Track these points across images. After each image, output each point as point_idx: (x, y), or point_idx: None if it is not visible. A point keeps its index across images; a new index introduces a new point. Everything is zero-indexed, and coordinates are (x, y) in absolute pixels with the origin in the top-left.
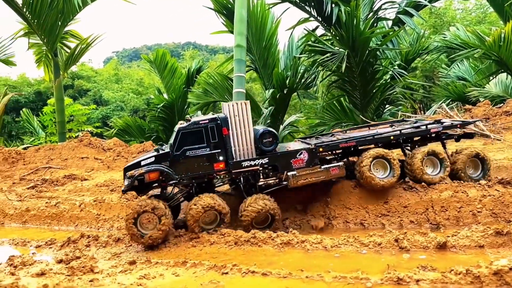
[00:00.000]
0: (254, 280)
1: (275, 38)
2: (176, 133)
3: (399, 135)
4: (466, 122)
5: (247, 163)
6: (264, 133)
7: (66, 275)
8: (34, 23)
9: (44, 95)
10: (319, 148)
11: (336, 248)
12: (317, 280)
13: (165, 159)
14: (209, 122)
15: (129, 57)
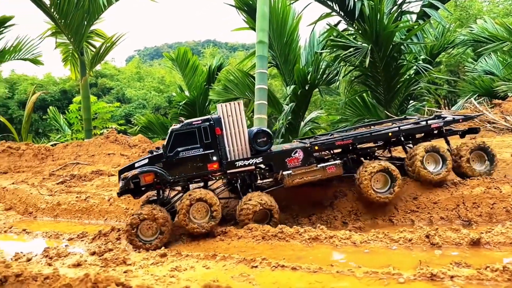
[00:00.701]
0: (284, 274)
1: (296, 34)
2: (169, 134)
3: (398, 132)
4: (469, 117)
5: (241, 162)
6: (258, 132)
7: (101, 267)
8: (61, 22)
9: (69, 93)
10: (315, 146)
11: (365, 244)
12: (348, 275)
13: (159, 161)
14: (202, 122)
15: (150, 55)
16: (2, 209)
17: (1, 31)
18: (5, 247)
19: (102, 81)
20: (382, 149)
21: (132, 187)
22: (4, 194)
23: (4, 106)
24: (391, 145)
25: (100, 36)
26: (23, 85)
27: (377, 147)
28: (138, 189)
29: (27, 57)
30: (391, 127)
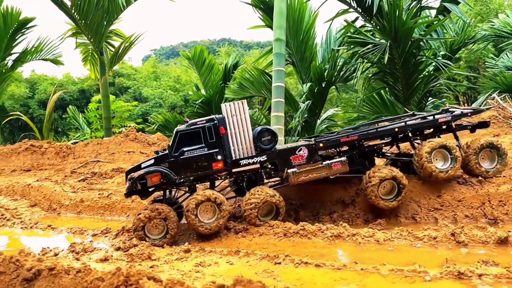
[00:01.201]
0: (308, 271)
1: (312, 31)
2: (174, 135)
3: (405, 127)
4: (477, 110)
5: (245, 161)
6: (262, 131)
7: (127, 261)
8: (82, 23)
9: (87, 92)
10: (319, 143)
11: (389, 241)
12: (372, 273)
13: (164, 161)
14: (206, 122)
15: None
16: (27, 205)
17: (23, 32)
18: (32, 242)
19: (119, 80)
20: (390, 146)
21: (139, 188)
22: (29, 191)
23: (25, 106)
24: (399, 141)
25: (118, 36)
26: (43, 85)
27: (385, 144)
28: (146, 190)
29: (48, 58)
30: (397, 123)
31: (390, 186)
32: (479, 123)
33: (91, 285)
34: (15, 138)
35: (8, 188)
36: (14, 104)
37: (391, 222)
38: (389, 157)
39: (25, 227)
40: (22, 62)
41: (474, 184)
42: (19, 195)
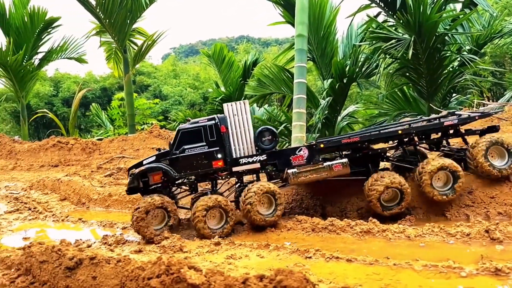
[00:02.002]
0: (339, 266)
1: (333, 27)
2: (176, 133)
3: (408, 130)
4: (486, 114)
5: (244, 160)
6: (262, 131)
7: (160, 253)
8: (106, 22)
9: (109, 90)
10: (320, 144)
11: (420, 237)
12: (406, 268)
13: (165, 158)
14: (207, 121)
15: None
16: (57, 199)
17: (49, 31)
18: (64, 235)
19: (140, 78)
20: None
21: (141, 185)
22: (59, 185)
23: (49, 104)
24: (404, 144)
25: (141, 34)
26: (66, 83)
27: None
28: (148, 188)
29: (72, 56)
30: (400, 124)
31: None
32: (488, 128)
33: (132, 274)
34: (40, 135)
35: (39, 182)
36: (39, 102)
37: (420, 219)
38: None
39: (57, 220)
40: (48, 61)
41: (508, 181)
42: (50, 189)
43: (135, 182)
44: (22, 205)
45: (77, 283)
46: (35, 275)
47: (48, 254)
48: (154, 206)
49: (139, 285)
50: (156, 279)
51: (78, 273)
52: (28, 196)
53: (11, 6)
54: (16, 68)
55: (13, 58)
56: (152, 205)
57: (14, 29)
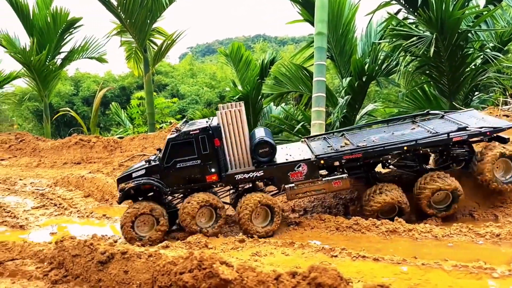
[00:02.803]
0: (366, 265)
1: (352, 25)
2: (166, 144)
3: (414, 145)
4: (499, 129)
5: (240, 176)
6: (259, 143)
7: (186, 249)
8: (127, 22)
9: (128, 90)
10: (320, 160)
11: (447, 237)
12: (435, 268)
13: (156, 172)
14: (200, 132)
15: (202, 52)
16: (81, 196)
17: (71, 31)
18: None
19: (158, 78)
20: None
21: (132, 193)
22: (82, 182)
23: (70, 103)
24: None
25: (160, 33)
26: (86, 83)
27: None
28: (139, 195)
29: (93, 56)
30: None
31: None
32: (498, 137)
33: (164, 269)
34: (61, 133)
35: (63, 179)
36: (60, 101)
37: (446, 219)
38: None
39: (81, 216)
40: (70, 61)
41: None
42: (74, 186)
43: (125, 197)
44: (48, 201)
45: (109, 276)
46: (67, 268)
47: (81, 248)
48: (140, 214)
49: (171, 279)
50: (189, 274)
51: (110, 267)
52: (54, 193)
53: (35, 7)
54: (39, 68)
55: (37, 58)
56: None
57: (37, 30)
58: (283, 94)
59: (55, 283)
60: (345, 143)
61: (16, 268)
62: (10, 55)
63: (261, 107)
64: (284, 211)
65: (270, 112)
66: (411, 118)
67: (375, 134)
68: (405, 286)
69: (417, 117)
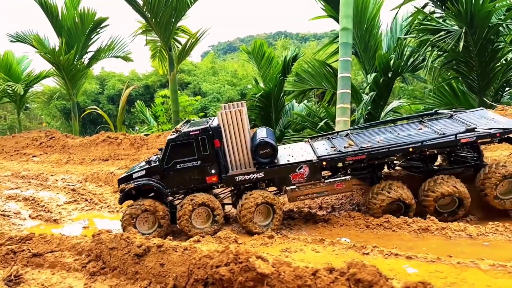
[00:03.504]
0: (399, 263)
1: (377, 20)
2: (166, 145)
3: (420, 147)
4: (509, 130)
5: (241, 177)
6: (260, 144)
7: (216, 244)
8: (152, 21)
9: (151, 88)
10: (322, 162)
11: (483, 236)
12: (471, 267)
13: (156, 173)
14: (200, 133)
15: (223, 50)
16: (111, 191)
17: (98, 31)
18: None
19: (180, 76)
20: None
21: (133, 193)
22: (112, 178)
23: (96, 101)
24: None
25: (185, 32)
26: (111, 81)
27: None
28: (140, 194)
29: (119, 55)
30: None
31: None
32: (507, 138)
33: (200, 262)
34: (87, 131)
35: (93, 175)
36: (86, 100)
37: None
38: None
39: (111, 211)
40: (97, 60)
41: None
42: (103, 182)
43: (125, 197)
44: (79, 196)
45: (146, 269)
46: (105, 261)
47: (117, 242)
48: (141, 212)
49: (207, 272)
50: (225, 267)
51: (146, 260)
52: (84, 188)
53: (63, 8)
54: (67, 67)
55: (65, 57)
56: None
57: (66, 30)
58: (306, 91)
59: (93, 274)
60: (349, 144)
61: (55, 260)
62: (40, 55)
63: (283, 105)
64: (311, 208)
65: (292, 109)
66: (419, 118)
67: (381, 134)
68: (440, 284)
69: (424, 117)
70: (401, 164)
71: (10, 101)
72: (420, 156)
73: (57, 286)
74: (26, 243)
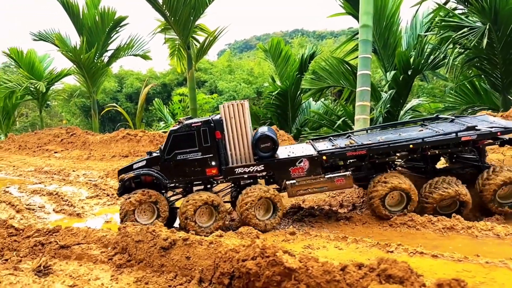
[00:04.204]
0: (424, 261)
1: (397, 17)
2: (168, 136)
3: (421, 144)
4: (509, 130)
5: (240, 169)
6: (261, 137)
7: (239, 239)
8: (171, 19)
9: (169, 86)
10: (322, 156)
11: (511, 236)
12: (500, 267)
13: (156, 163)
14: (201, 124)
15: (240, 48)
16: None
17: (117, 30)
18: None
19: (197, 74)
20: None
21: (133, 186)
22: None
23: (114, 99)
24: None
25: (203, 30)
26: (129, 80)
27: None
28: (140, 187)
29: (138, 53)
30: (412, 136)
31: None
32: (510, 140)
33: (226, 256)
34: (105, 128)
35: (114, 171)
36: (105, 97)
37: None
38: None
39: None
40: (116, 58)
41: None
42: None
43: (126, 186)
44: (101, 191)
45: (172, 262)
46: (131, 253)
47: (143, 235)
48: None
49: (233, 266)
50: (252, 261)
51: (172, 253)
52: (106, 183)
53: (84, 7)
54: (88, 65)
55: (86, 56)
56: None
57: (86, 29)
58: (323, 89)
59: (120, 266)
60: (350, 143)
61: (82, 252)
62: (62, 53)
63: (299, 103)
64: (331, 206)
65: (308, 107)
66: (421, 122)
67: (382, 135)
68: (469, 284)
69: (426, 121)
70: (403, 165)
71: (32, 98)
72: (421, 156)
73: (84, 277)
74: (53, 235)
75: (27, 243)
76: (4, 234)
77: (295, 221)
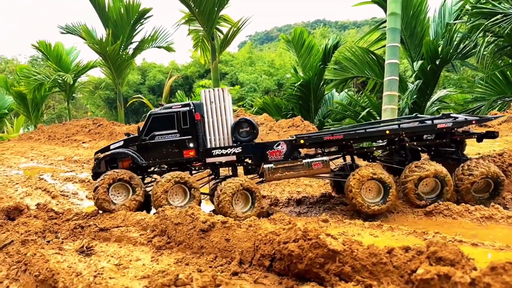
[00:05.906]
0: (464, 249)
1: (424, 5)
2: (147, 117)
3: (397, 130)
4: (484, 119)
5: (218, 151)
6: (240, 122)
7: (271, 225)
8: (196, 10)
9: (190, 78)
10: (300, 140)
11: None
12: None
13: (133, 143)
14: (181, 107)
15: (260, 40)
16: None
17: (142, 22)
18: None
19: (218, 66)
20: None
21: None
22: None
23: (138, 91)
24: (394, 144)
25: (226, 21)
26: (152, 72)
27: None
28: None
29: (161, 45)
30: (389, 124)
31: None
32: (487, 132)
33: (266, 238)
34: (129, 120)
35: None
36: (129, 90)
37: None
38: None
39: None
40: (141, 50)
41: None
42: None
43: (100, 167)
44: None
45: (211, 244)
46: (170, 235)
47: (182, 217)
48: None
49: (274, 248)
50: (294, 243)
51: (211, 235)
52: None
53: (110, 0)
54: (114, 57)
55: (112, 48)
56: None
57: (112, 21)
58: (347, 80)
59: (159, 248)
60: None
61: (122, 234)
62: (88, 45)
63: (322, 94)
64: None
65: (332, 98)
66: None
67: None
68: None
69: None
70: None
71: (60, 90)
72: (399, 147)
73: (125, 258)
74: (91, 218)
75: (67, 226)
76: (45, 217)
77: (326, 210)
